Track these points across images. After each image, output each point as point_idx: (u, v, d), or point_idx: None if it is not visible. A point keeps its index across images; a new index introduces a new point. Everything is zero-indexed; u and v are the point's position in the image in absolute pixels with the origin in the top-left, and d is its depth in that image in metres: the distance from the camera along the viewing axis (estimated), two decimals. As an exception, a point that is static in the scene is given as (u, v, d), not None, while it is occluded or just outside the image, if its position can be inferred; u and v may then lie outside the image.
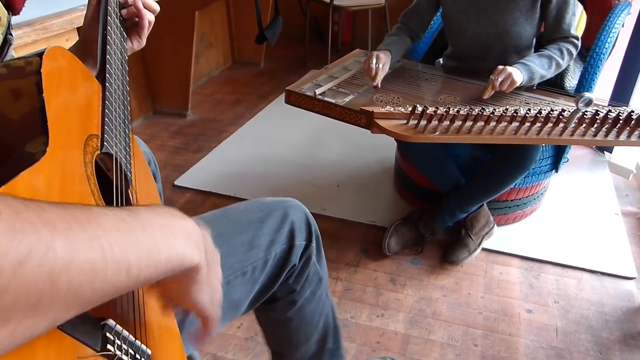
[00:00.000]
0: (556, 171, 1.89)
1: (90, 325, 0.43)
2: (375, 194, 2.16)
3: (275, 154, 2.47)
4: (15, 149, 0.46)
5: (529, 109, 1.42)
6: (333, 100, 1.54)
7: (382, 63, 1.61)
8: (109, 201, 0.57)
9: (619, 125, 1.39)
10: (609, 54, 1.78)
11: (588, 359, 1.43)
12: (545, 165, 1.83)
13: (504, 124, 1.42)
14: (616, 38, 1.79)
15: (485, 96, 1.53)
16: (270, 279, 0.91)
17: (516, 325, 1.54)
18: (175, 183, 2.24)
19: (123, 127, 0.66)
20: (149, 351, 0.51)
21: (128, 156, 0.64)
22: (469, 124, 1.40)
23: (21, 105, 0.49)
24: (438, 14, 1.86)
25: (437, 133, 1.39)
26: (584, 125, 1.41)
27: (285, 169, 2.34)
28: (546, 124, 1.40)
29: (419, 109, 1.39)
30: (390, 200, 2.13)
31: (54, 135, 0.48)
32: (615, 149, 2.42)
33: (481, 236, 1.80)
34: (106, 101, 0.63)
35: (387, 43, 1.71)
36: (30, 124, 0.48)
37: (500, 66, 1.50)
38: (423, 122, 1.40)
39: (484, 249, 1.83)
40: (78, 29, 1.46)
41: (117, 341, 0.45)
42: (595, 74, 1.71)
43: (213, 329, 0.55)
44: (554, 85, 1.78)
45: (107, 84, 0.66)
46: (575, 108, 1.37)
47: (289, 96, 1.62)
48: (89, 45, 0.81)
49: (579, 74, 1.80)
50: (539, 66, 1.54)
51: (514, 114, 1.40)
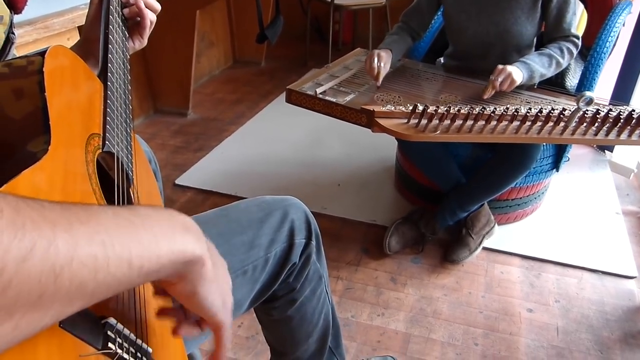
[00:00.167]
0: (557, 170, 1.89)
1: (91, 323, 0.43)
2: (376, 193, 2.16)
3: (276, 153, 2.47)
4: (17, 148, 0.46)
5: (530, 108, 1.42)
6: (334, 100, 1.54)
7: (383, 62, 1.60)
8: (110, 200, 0.57)
9: (619, 124, 1.39)
10: (610, 54, 1.78)
11: (589, 358, 1.43)
12: (546, 165, 1.83)
13: (504, 123, 1.42)
14: (617, 37, 1.79)
15: (485, 96, 1.53)
16: (270, 278, 0.91)
17: (517, 325, 1.54)
18: (176, 182, 2.24)
19: (125, 126, 0.66)
20: (149, 350, 0.51)
21: (130, 155, 0.64)
22: (469, 123, 1.40)
23: (23, 104, 0.49)
24: (439, 13, 1.87)
25: (438, 132, 1.39)
26: (584, 124, 1.41)
27: (286, 168, 2.34)
28: (547, 123, 1.40)
29: (420, 108, 1.39)
30: (391, 199, 2.13)
31: (56, 134, 0.48)
32: (616, 148, 2.41)
33: (482, 235, 1.80)
34: (108, 100, 0.63)
35: (388, 42, 1.71)
36: (32, 124, 0.48)
37: (500, 66, 1.50)
38: (424, 121, 1.40)
39: (484, 248, 1.83)
40: (79, 28, 1.46)
41: (118, 339, 0.45)
42: (596, 73, 1.71)
43: (228, 340, 0.52)
44: (555, 85, 1.78)
45: (109, 83, 0.66)
46: (576, 107, 1.37)
47: (289, 95, 1.62)
48: (91, 44, 0.81)
49: (580, 73, 1.80)
50: (539, 65, 1.54)
51: (515, 113, 1.40)
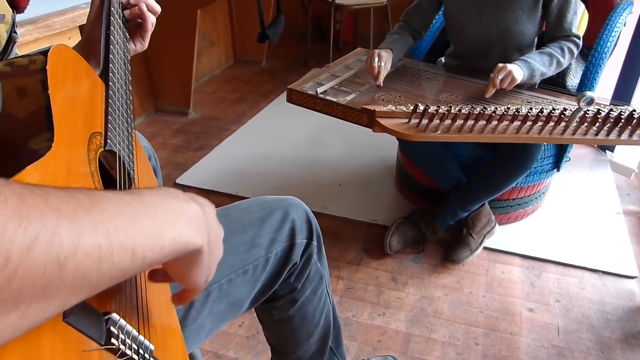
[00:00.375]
0: (558, 170, 1.89)
1: (94, 318, 0.44)
2: (376, 193, 2.16)
3: (276, 152, 2.47)
4: (19, 145, 0.47)
5: (531, 108, 1.42)
6: (335, 99, 1.54)
7: (384, 61, 1.60)
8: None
9: (620, 124, 1.39)
10: (611, 53, 1.78)
11: (589, 358, 1.44)
12: (547, 164, 1.83)
13: (505, 123, 1.42)
14: (618, 37, 1.79)
15: (487, 95, 1.53)
16: (271, 278, 0.91)
17: (517, 324, 1.54)
18: (177, 181, 2.24)
19: (126, 126, 0.66)
20: (152, 346, 0.51)
21: (131, 154, 0.65)
22: (470, 122, 1.40)
23: (26, 103, 0.50)
24: (440, 12, 1.87)
25: (439, 132, 1.39)
26: (585, 124, 1.41)
27: (286, 167, 2.34)
28: (548, 123, 1.40)
29: (421, 107, 1.39)
30: (391, 199, 2.13)
31: (58, 132, 0.48)
32: (617, 148, 2.41)
33: (483, 235, 1.80)
34: (109, 99, 0.64)
35: (389, 42, 1.71)
36: (35, 122, 0.49)
37: (500, 64, 1.50)
38: (425, 121, 1.40)
39: (485, 248, 1.83)
40: (80, 27, 1.46)
41: (121, 335, 0.46)
42: (597, 73, 1.71)
43: (195, 296, 0.55)
44: (556, 85, 1.78)
45: (110, 82, 0.66)
46: (577, 107, 1.37)
47: (290, 95, 1.62)
48: (92, 45, 0.81)
49: (581, 73, 1.80)
50: (540, 63, 1.54)
51: (516, 113, 1.40)
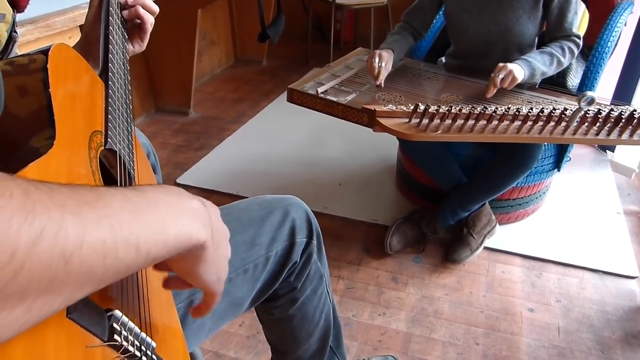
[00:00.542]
0: (558, 170, 1.89)
1: (97, 315, 0.44)
2: (377, 193, 2.16)
3: (277, 152, 2.47)
4: (20, 144, 0.47)
5: (531, 108, 1.42)
6: (335, 99, 1.54)
7: (385, 61, 1.60)
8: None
9: (621, 124, 1.39)
10: (611, 53, 1.77)
11: (590, 358, 1.43)
12: (548, 164, 1.83)
13: (506, 122, 1.42)
14: (618, 37, 1.79)
15: (488, 95, 1.53)
16: (271, 277, 0.91)
17: (518, 324, 1.54)
18: (177, 181, 2.24)
19: (126, 125, 0.66)
20: (153, 344, 0.51)
21: (131, 153, 0.65)
22: (471, 122, 1.40)
23: (27, 102, 0.50)
24: (440, 12, 1.86)
25: (439, 132, 1.39)
26: (586, 124, 1.41)
27: (287, 167, 2.34)
28: (548, 123, 1.40)
29: (421, 107, 1.39)
30: (392, 198, 2.13)
31: (60, 130, 0.48)
32: (618, 148, 2.41)
33: (483, 235, 1.80)
34: (109, 99, 0.64)
35: (390, 42, 1.71)
36: (36, 121, 0.49)
37: (500, 63, 1.50)
38: (425, 121, 1.40)
39: (486, 248, 1.83)
40: (80, 27, 1.47)
41: (124, 332, 0.46)
42: (598, 72, 1.70)
43: (214, 303, 0.55)
44: (556, 84, 1.78)
45: (110, 82, 0.66)
46: (577, 107, 1.37)
47: (291, 94, 1.62)
48: (91, 45, 0.82)
49: (581, 73, 1.80)
50: (540, 62, 1.54)
51: (516, 113, 1.40)
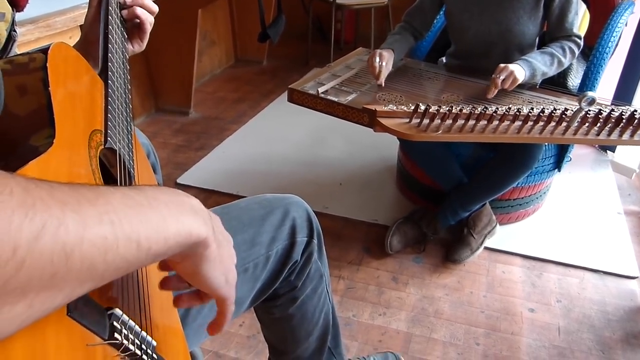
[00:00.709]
0: (559, 170, 1.89)
1: (98, 314, 0.44)
2: (377, 193, 2.16)
3: (277, 152, 2.47)
4: (19, 143, 0.47)
5: (532, 108, 1.42)
6: (336, 99, 1.54)
7: (385, 61, 1.60)
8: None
9: (621, 124, 1.39)
10: (612, 53, 1.77)
11: (590, 358, 1.43)
12: (548, 165, 1.83)
13: (506, 122, 1.41)
14: (619, 37, 1.78)
15: (489, 95, 1.53)
16: (272, 276, 0.91)
17: (518, 324, 1.54)
18: (178, 181, 2.24)
19: (125, 125, 0.66)
20: (154, 342, 0.51)
21: (131, 152, 0.65)
22: (471, 122, 1.40)
23: (27, 101, 0.50)
24: (441, 12, 1.86)
25: (440, 132, 1.39)
26: (586, 124, 1.41)
27: (287, 167, 2.34)
28: (549, 123, 1.40)
29: (422, 107, 1.39)
30: (392, 198, 2.13)
31: (59, 129, 0.48)
32: (618, 148, 2.41)
33: (483, 235, 1.79)
34: (109, 98, 0.64)
35: (390, 42, 1.71)
36: (36, 119, 0.49)
37: (501, 64, 1.50)
38: (426, 121, 1.40)
39: (486, 248, 1.83)
40: (81, 27, 1.46)
41: (124, 330, 0.46)
42: (598, 73, 1.70)
43: (230, 312, 0.54)
44: (557, 85, 1.78)
45: (110, 81, 0.66)
46: (578, 107, 1.37)
47: (291, 94, 1.61)
48: (90, 45, 0.82)
49: (582, 73, 1.80)
50: (541, 63, 1.54)
51: (517, 113, 1.40)
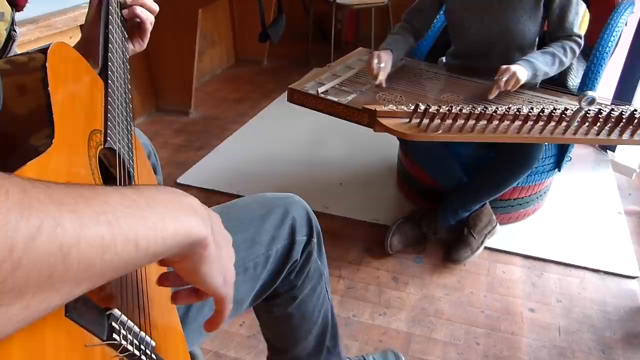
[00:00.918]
0: (559, 170, 1.89)
1: (96, 314, 0.44)
2: (377, 193, 2.16)
3: (277, 152, 2.47)
4: (19, 142, 0.47)
5: (532, 108, 1.42)
6: (336, 99, 1.54)
7: (384, 62, 1.60)
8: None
9: (621, 124, 1.39)
10: (612, 53, 1.77)
11: (591, 358, 1.43)
12: (548, 164, 1.83)
13: (506, 122, 1.41)
14: (619, 37, 1.78)
15: (490, 96, 1.53)
16: (271, 276, 0.91)
17: (519, 324, 1.54)
18: (178, 181, 2.24)
19: (125, 124, 0.66)
20: (153, 343, 0.51)
21: (130, 152, 0.65)
22: (471, 122, 1.40)
23: (26, 100, 0.50)
24: (441, 12, 1.86)
25: (440, 132, 1.39)
26: (586, 124, 1.41)
27: (287, 167, 2.34)
28: (549, 123, 1.40)
29: (422, 107, 1.39)
30: (392, 198, 2.13)
31: (59, 129, 0.48)
32: (618, 148, 2.41)
33: (484, 235, 1.79)
34: (109, 97, 0.64)
35: (390, 42, 1.71)
36: (35, 119, 0.49)
37: (503, 66, 1.50)
38: (426, 121, 1.40)
39: (486, 248, 1.82)
40: (81, 27, 1.47)
41: (123, 331, 0.46)
42: (598, 72, 1.70)
43: (227, 310, 0.54)
44: (557, 84, 1.78)
45: (110, 81, 0.66)
46: (578, 107, 1.36)
47: (291, 94, 1.61)
48: (90, 45, 0.81)
49: (582, 72, 1.80)
50: (543, 63, 1.54)
51: (517, 113, 1.40)
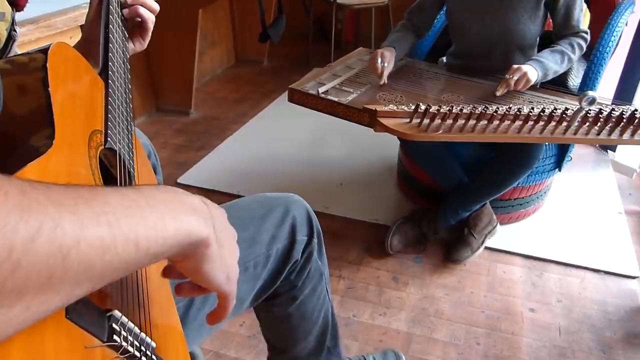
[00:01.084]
0: (559, 170, 1.89)
1: (96, 315, 0.44)
2: (378, 193, 2.16)
3: (278, 152, 2.47)
4: (19, 143, 0.47)
5: (533, 108, 1.42)
6: (336, 99, 1.54)
7: (387, 61, 1.61)
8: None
9: (622, 123, 1.39)
10: (613, 53, 1.77)
11: (591, 358, 1.43)
12: (549, 164, 1.82)
13: (507, 122, 1.41)
14: (619, 37, 1.78)
15: (498, 93, 1.53)
16: (272, 275, 0.91)
17: (519, 324, 1.54)
18: (178, 181, 2.24)
19: (126, 124, 0.66)
20: (153, 344, 0.51)
21: (131, 153, 0.65)
22: (472, 122, 1.39)
23: (27, 101, 0.50)
24: (442, 12, 1.86)
25: (440, 132, 1.39)
26: (587, 123, 1.41)
27: (288, 167, 2.34)
28: (549, 123, 1.40)
29: (422, 107, 1.39)
30: (393, 198, 2.13)
31: (59, 129, 0.48)
32: (619, 147, 2.41)
33: (484, 235, 1.79)
34: (109, 98, 0.64)
35: (392, 40, 1.71)
36: (36, 120, 0.49)
37: (515, 65, 1.50)
38: (426, 121, 1.40)
39: (486, 248, 1.82)
40: (81, 27, 1.47)
41: (123, 332, 0.46)
42: (599, 72, 1.70)
43: (230, 306, 0.54)
44: (558, 84, 1.77)
45: (110, 81, 0.66)
46: (578, 107, 1.36)
47: (292, 94, 1.61)
48: (91, 45, 0.81)
49: (583, 72, 1.80)
50: (552, 62, 1.54)
51: (517, 113, 1.40)
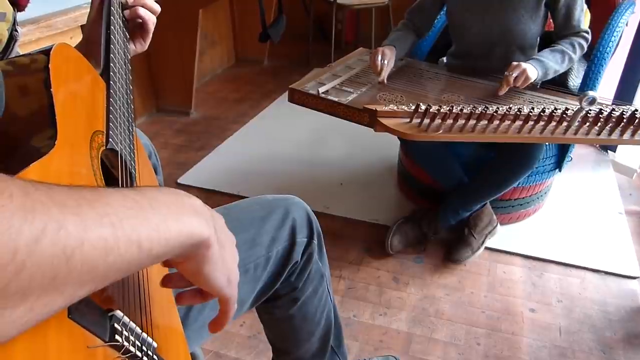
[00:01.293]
0: (560, 170, 1.89)
1: (98, 315, 0.44)
2: (378, 193, 2.16)
3: (278, 152, 2.47)
4: (21, 144, 0.47)
5: (533, 108, 1.42)
6: (336, 99, 1.54)
7: (388, 59, 1.61)
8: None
9: (622, 124, 1.39)
10: (613, 53, 1.77)
11: (591, 358, 1.43)
12: (549, 164, 1.83)
13: (507, 122, 1.41)
14: (620, 37, 1.78)
15: (500, 93, 1.54)
16: (272, 277, 0.91)
17: (519, 324, 1.54)
18: (179, 181, 2.24)
19: (127, 125, 0.66)
20: (154, 344, 0.51)
21: (132, 153, 0.65)
22: (472, 122, 1.39)
23: (28, 101, 0.50)
24: (442, 12, 1.86)
25: (441, 132, 1.39)
26: (587, 124, 1.41)
27: (288, 167, 2.34)
28: (550, 123, 1.40)
29: (422, 107, 1.39)
30: (393, 198, 2.13)
31: (61, 130, 0.48)
32: (619, 148, 2.41)
33: (484, 235, 1.79)
34: (110, 98, 0.64)
35: (393, 39, 1.71)
36: (37, 120, 0.49)
37: (514, 62, 1.50)
38: (426, 121, 1.40)
39: (487, 248, 1.82)
40: (82, 27, 1.47)
41: (125, 332, 0.46)
42: (599, 72, 1.70)
43: (232, 311, 0.54)
44: (558, 84, 1.77)
45: (111, 82, 0.66)
46: (579, 107, 1.36)
47: (292, 94, 1.61)
48: (92, 45, 0.81)
49: (583, 72, 1.80)
50: (553, 61, 1.55)
51: (518, 113, 1.40)
